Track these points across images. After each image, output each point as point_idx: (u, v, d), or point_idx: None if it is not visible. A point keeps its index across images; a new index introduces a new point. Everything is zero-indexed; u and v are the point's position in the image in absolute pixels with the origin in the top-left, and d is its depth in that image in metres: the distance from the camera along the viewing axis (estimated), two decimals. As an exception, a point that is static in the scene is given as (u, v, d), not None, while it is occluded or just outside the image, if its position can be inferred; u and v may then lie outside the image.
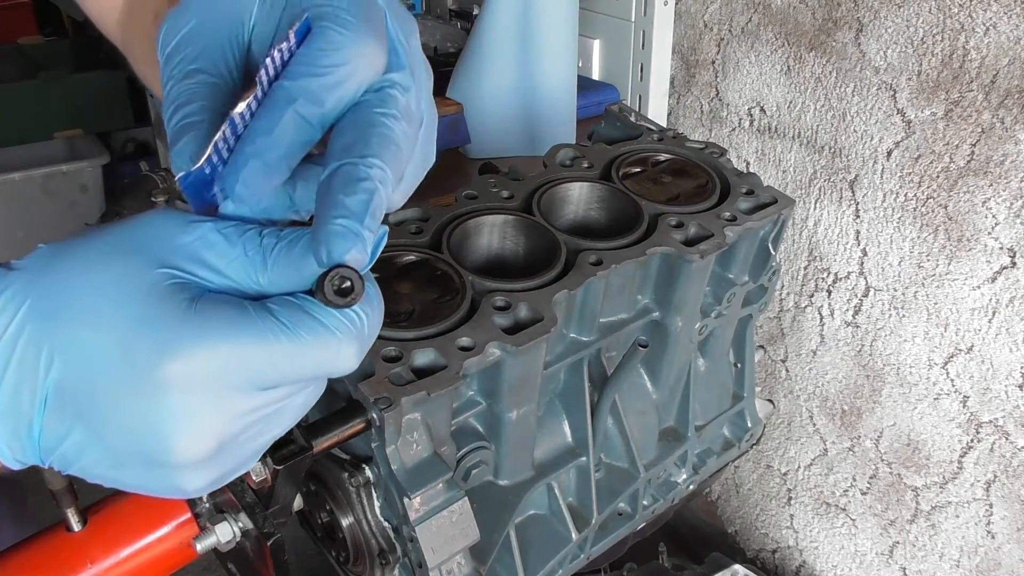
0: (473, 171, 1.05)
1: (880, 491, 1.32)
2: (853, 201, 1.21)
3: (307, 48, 0.38)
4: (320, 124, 0.39)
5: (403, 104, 0.41)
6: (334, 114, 0.39)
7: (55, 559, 0.60)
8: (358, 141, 0.38)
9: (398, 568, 0.68)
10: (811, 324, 1.34)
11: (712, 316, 0.84)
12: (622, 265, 0.72)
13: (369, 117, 0.39)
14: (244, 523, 0.61)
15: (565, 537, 0.78)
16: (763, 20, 1.25)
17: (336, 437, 0.57)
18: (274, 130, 0.37)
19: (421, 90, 0.44)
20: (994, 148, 1.01)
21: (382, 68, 0.40)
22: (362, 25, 0.39)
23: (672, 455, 0.87)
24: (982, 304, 1.09)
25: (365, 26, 0.39)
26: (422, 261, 0.71)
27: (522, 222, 0.77)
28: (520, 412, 0.69)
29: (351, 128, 0.39)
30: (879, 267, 1.20)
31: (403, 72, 0.41)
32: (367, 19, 0.40)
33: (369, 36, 0.39)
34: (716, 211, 0.80)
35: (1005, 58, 0.97)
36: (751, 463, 1.57)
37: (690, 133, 1.44)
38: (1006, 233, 1.03)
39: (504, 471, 0.73)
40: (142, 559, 0.63)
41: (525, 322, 0.65)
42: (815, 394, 1.38)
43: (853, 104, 1.16)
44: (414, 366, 0.61)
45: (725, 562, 1.40)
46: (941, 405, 1.18)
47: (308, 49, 0.38)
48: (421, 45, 0.46)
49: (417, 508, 0.62)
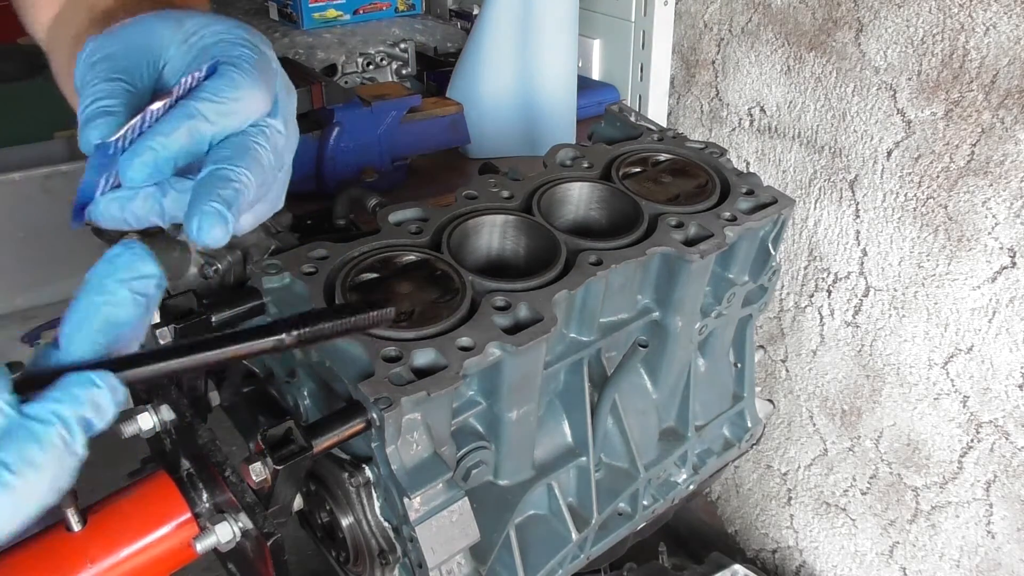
0: (473, 171, 1.05)
1: (880, 491, 1.32)
2: (853, 201, 1.21)
3: (212, 81, 0.49)
4: (208, 140, 0.48)
5: (273, 142, 0.51)
6: (220, 136, 0.49)
7: (55, 559, 0.60)
8: (234, 155, 0.48)
9: (398, 568, 0.68)
10: (811, 324, 1.34)
11: (712, 316, 0.84)
12: (622, 265, 0.72)
13: (246, 141, 0.49)
14: (244, 523, 0.61)
15: (565, 537, 0.78)
16: (763, 20, 1.25)
17: (336, 437, 0.57)
18: (172, 133, 0.46)
19: (289, 143, 0.54)
20: (994, 148, 1.01)
21: (265, 110, 0.51)
22: (258, 76, 0.50)
23: (672, 455, 0.87)
24: (982, 304, 1.09)
25: (260, 77, 0.50)
26: (422, 261, 0.71)
27: (522, 222, 0.77)
28: (520, 412, 0.69)
29: (231, 145, 0.49)
30: (879, 267, 1.20)
31: (279, 120, 0.52)
32: (263, 73, 0.50)
33: (261, 85, 0.50)
34: (716, 211, 0.80)
35: (1005, 58, 0.97)
36: (751, 463, 1.57)
37: (690, 133, 1.44)
38: (1006, 233, 1.03)
39: (504, 471, 0.73)
40: (142, 559, 0.62)
41: (525, 322, 0.65)
42: (815, 394, 1.38)
43: (853, 104, 1.16)
44: (414, 366, 0.61)
45: (725, 562, 1.40)
46: (941, 405, 1.18)
47: (213, 82, 0.49)
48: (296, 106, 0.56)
49: (417, 508, 0.62)
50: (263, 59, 0.51)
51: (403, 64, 1.45)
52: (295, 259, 0.69)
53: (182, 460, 0.68)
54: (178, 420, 0.66)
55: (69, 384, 0.37)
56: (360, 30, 1.44)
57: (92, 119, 0.47)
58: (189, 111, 0.47)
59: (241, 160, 0.48)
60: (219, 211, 0.45)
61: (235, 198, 0.46)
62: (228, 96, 0.48)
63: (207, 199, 0.45)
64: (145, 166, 0.46)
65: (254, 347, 0.43)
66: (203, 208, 0.45)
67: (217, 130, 0.48)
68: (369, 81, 1.43)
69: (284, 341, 0.43)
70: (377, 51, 1.43)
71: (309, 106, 1.04)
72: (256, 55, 0.51)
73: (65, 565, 0.60)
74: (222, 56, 0.50)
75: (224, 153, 0.48)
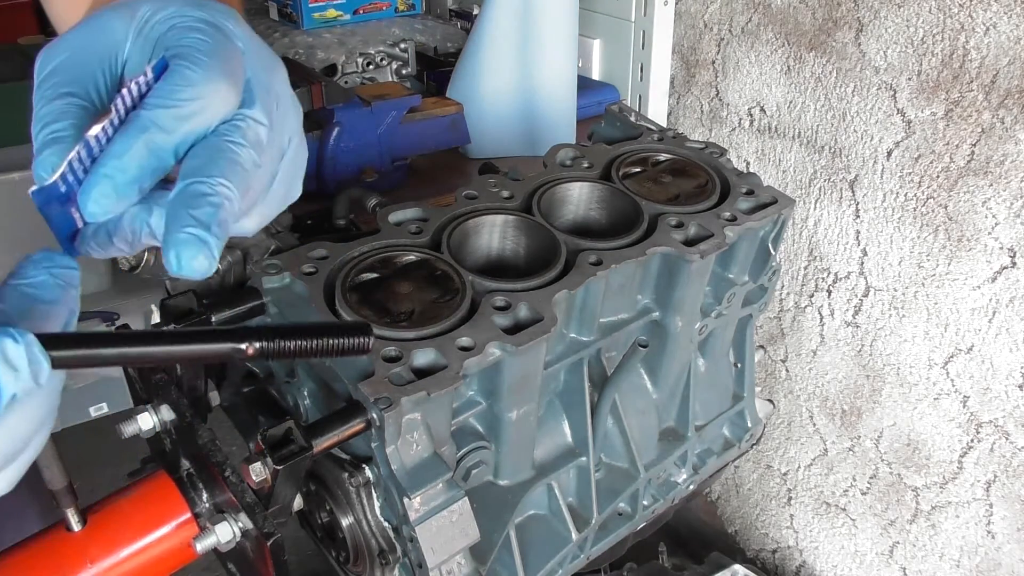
0: (473, 171, 1.06)
1: (880, 491, 1.32)
2: (853, 201, 1.21)
3: (162, 83, 0.42)
4: (171, 152, 0.41)
5: (252, 136, 0.44)
6: (186, 144, 0.42)
7: (55, 559, 0.60)
8: (206, 164, 0.41)
9: (398, 568, 0.68)
10: (811, 324, 1.34)
11: (712, 316, 0.84)
12: (622, 265, 0.72)
13: (218, 144, 0.42)
14: (244, 523, 0.61)
15: (565, 537, 0.77)
16: (763, 20, 1.25)
17: (336, 437, 0.57)
18: (126, 154, 0.40)
19: (282, 124, 0.47)
20: (994, 148, 1.01)
21: (234, 105, 0.43)
22: (215, 65, 0.42)
23: (672, 455, 0.87)
24: (982, 304, 1.09)
25: (218, 66, 0.43)
26: (422, 261, 0.71)
27: (522, 222, 0.77)
28: (520, 412, 0.69)
29: (201, 154, 0.42)
30: (879, 267, 1.20)
31: (255, 108, 0.45)
32: (221, 59, 0.43)
33: (221, 76, 0.42)
34: (716, 211, 0.80)
35: (1005, 58, 0.97)
36: (751, 463, 1.57)
37: (690, 133, 1.44)
38: (1006, 233, 1.03)
39: (504, 471, 0.73)
40: (142, 559, 0.62)
41: (525, 322, 0.65)
42: (815, 394, 1.38)
43: (853, 104, 1.16)
44: (414, 366, 0.61)
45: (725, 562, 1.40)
46: (941, 405, 1.18)
47: (163, 84, 0.42)
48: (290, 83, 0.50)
49: (417, 508, 0.62)
50: (222, 42, 0.44)
51: (403, 64, 1.45)
52: (295, 259, 0.69)
53: (182, 460, 0.68)
54: (178, 420, 0.66)
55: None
56: (360, 30, 1.45)
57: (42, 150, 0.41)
58: (141, 124, 0.40)
59: (214, 168, 0.41)
60: (196, 236, 0.39)
61: (213, 215, 0.40)
62: (183, 97, 0.41)
63: (180, 225, 0.39)
64: (106, 197, 0.40)
65: (207, 350, 0.39)
66: (177, 236, 0.39)
67: (179, 139, 0.41)
68: (369, 81, 1.43)
69: (243, 350, 0.38)
70: (377, 51, 1.43)
71: (309, 106, 1.04)
72: (212, 39, 0.44)
73: (65, 565, 0.60)
74: (172, 47, 0.43)
75: (193, 164, 0.42)
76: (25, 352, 0.33)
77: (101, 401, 1.59)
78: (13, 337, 0.33)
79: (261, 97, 0.45)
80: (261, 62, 0.47)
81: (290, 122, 0.49)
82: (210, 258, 0.39)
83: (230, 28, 0.46)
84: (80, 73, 0.43)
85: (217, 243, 0.40)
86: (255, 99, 0.45)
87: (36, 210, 0.42)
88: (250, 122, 0.44)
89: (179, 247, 0.39)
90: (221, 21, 0.45)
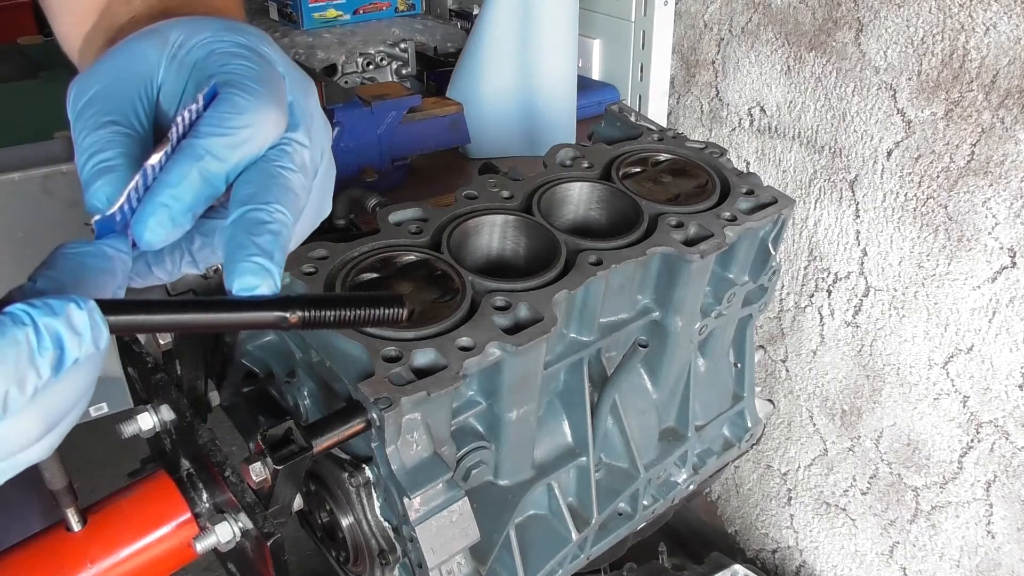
0: (473, 171, 1.06)
1: (880, 491, 1.32)
2: (853, 201, 1.21)
3: (214, 111, 0.42)
4: (223, 179, 0.42)
5: (299, 159, 0.44)
6: (237, 170, 0.42)
7: (55, 559, 0.60)
8: (261, 191, 0.42)
9: (398, 568, 0.68)
10: (811, 324, 1.34)
11: (712, 316, 0.84)
12: (622, 265, 0.72)
13: (270, 170, 0.43)
14: (244, 523, 0.61)
15: (565, 537, 0.77)
16: (763, 20, 1.25)
17: (336, 437, 0.57)
18: (181, 183, 0.40)
19: (316, 145, 0.47)
20: (994, 148, 1.01)
21: (282, 130, 0.44)
22: (265, 92, 0.43)
23: (672, 455, 0.87)
24: (982, 304, 1.09)
25: (267, 93, 0.43)
26: (422, 261, 0.70)
27: (522, 222, 0.77)
28: (520, 412, 0.69)
29: (255, 180, 0.42)
30: (879, 267, 1.20)
31: (299, 131, 0.45)
32: (269, 86, 0.43)
33: (271, 102, 0.43)
34: (716, 211, 0.80)
35: (1005, 58, 0.97)
36: (751, 463, 1.57)
37: (690, 133, 1.44)
38: (1006, 233, 1.03)
39: (504, 471, 0.73)
40: (142, 559, 0.63)
41: (525, 322, 0.65)
42: (815, 394, 1.38)
43: (853, 104, 1.16)
44: (414, 366, 0.61)
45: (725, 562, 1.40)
46: (941, 405, 1.18)
47: (215, 112, 0.42)
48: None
49: (417, 508, 0.62)
50: (266, 68, 0.45)
51: (403, 64, 1.45)
52: (295, 259, 0.69)
53: (182, 460, 0.68)
54: (178, 420, 0.66)
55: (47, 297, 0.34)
56: (360, 30, 1.45)
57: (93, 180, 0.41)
58: (196, 152, 0.41)
59: (269, 194, 0.42)
60: (262, 266, 0.40)
61: (275, 243, 0.40)
62: (236, 125, 0.41)
63: (244, 253, 0.39)
64: (161, 227, 0.40)
65: (254, 319, 0.39)
66: (243, 266, 0.39)
67: (231, 166, 0.42)
68: (369, 81, 1.43)
69: (287, 320, 0.39)
70: (377, 51, 1.43)
71: (309, 106, 1.04)
72: (257, 65, 0.44)
73: (65, 565, 0.60)
74: (219, 73, 0.43)
75: (248, 191, 0.42)
76: (88, 318, 0.34)
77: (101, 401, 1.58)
78: (77, 303, 0.34)
79: (303, 120, 0.46)
80: (298, 84, 0.47)
81: (323, 139, 0.49)
82: (273, 287, 0.40)
83: (268, 52, 0.46)
84: (118, 101, 0.43)
85: (278, 270, 0.40)
86: (299, 123, 0.46)
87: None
88: (296, 146, 0.45)
89: (245, 276, 0.39)
90: (259, 46, 0.46)
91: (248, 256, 0.39)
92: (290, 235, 0.42)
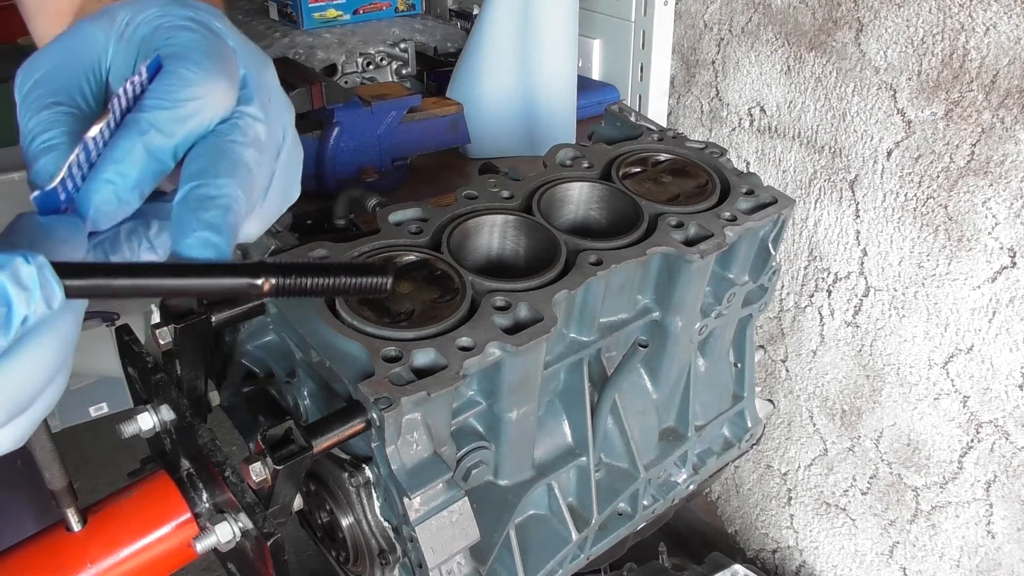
0: (473, 171, 1.06)
1: (880, 491, 1.32)
2: (853, 201, 1.21)
3: (159, 83, 0.40)
4: (171, 155, 0.40)
5: (252, 133, 0.42)
6: (185, 145, 0.41)
7: (55, 559, 0.60)
8: (209, 166, 0.40)
9: (398, 568, 0.68)
10: (811, 324, 1.34)
11: (712, 316, 0.84)
12: (622, 265, 0.72)
13: (220, 144, 0.41)
14: (244, 523, 0.61)
15: (565, 537, 0.77)
16: (763, 20, 1.25)
17: (336, 437, 0.57)
18: (126, 158, 0.39)
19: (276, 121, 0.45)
20: (994, 148, 1.01)
21: (232, 103, 0.42)
22: (211, 64, 0.41)
23: (672, 455, 0.87)
24: (982, 304, 1.09)
25: (214, 65, 0.41)
26: (422, 261, 0.70)
27: (522, 222, 0.77)
28: (520, 412, 0.68)
29: (203, 155, 0.41)
30: (879, 267, 1.20)
31: (252, 105, 0.43)
32: (216, 58, 0.42)
33: (218, 74, 0.41)
34: (716, 211, 0.80)
35: (1005, 58, 0.97)
36: (751, 463, 1.57)
37: (690, 133, 1.44)
38: (1006, 233, 1.03)
39: (504, 471, 0.73)
40: (142, 559, 0.62)
41: (525, 322, 0.65)
42: (815, 394, 1.38)
43: (853, 104, 1.16)
44: (414, 366, 0.61)
45: (725, 562, 1.40)
46: (941, 405, 1.18)
47: (160, 84, 0.40)
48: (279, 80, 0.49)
49: (417, 508, 0.62)
50: (214, 40, 0.43)
51: (403, 64, 1.45)
52: (295, 259, 0.69)
53: (182, 460, 0.68)
54: (178, 420, 0.66)
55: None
56: (360, 30, 1.45)
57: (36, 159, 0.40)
58: (140, 127, 0.39)
59: (218, 169, 0.40)
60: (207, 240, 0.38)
61: (223, 218, 0.39)
62: (181, 97, 0.40)
63: (189, 229, 0.38)
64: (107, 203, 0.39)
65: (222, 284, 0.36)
66: (187, 242, 0.38)
67: (178, 141, 0.40)
68: (369, 81, 1.43)
69: (258, 286, 0.37)
70: (377, 51, 1.43)
71: (309, 106, 1.04)
72: (204, 37, 0.42)
73: (65, 565, 0.60)
74: (164, 47, 0.41)
75: (196, 166, 0.40)
76: (37, 274, 0.32)
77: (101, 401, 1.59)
78: (25, 257, 0.32)
79: (257, 94, 0.44)
80: (252, 59, 0.46)
81: (284, 118, 0.47)
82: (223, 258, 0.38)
83: (218, 26, 0.45)
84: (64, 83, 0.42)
85: (227, 246, 0.39)
86: (252, 96, 0.44)
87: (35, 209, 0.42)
88: (248, 120, 0.43)
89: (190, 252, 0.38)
90: (208, 19, 0.44)
91: (193, 231, 0.38)
92: (242, 211, 0.40)
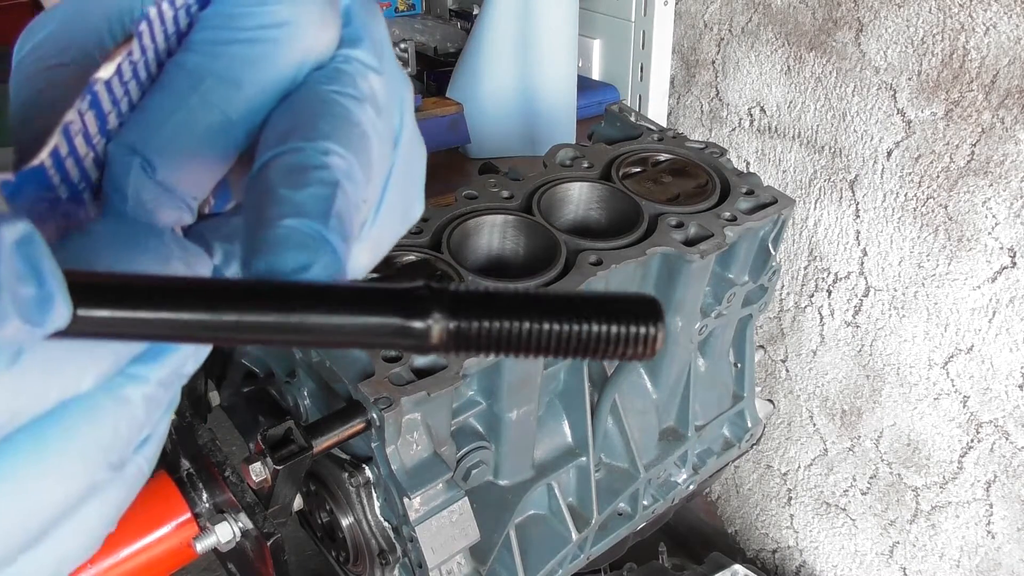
0: (473, 171, 1.05)
1: (880, 491, 1.32)
2: (853, 201, 1.21)
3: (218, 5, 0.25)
4: (241, 118, 0.25)
5: (367, 87, 0.26)
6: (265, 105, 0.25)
7: (55, 559, 0.60)
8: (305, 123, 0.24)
9: (398, 568, 0.68)
10: (811, 324, 1.34)
11: (712, 316, 0.84)
12: (622, 265, 0.72)
13: (320, 94, 0.25)
14: (244, 523, 0.61)
15: (565, 537, 0.77)
16: (763, 20, 1.25)
17: (336, 437, 0.57)
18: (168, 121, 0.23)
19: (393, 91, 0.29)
20: (994, 148, 1.01)
21: (333, 40, 0.26)
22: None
23: (672, 455, 0.87)
24: (982, 304, 1.09)
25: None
26: (422, 261, 0.70)
27: (522, 222, 0.77)
28: (520, 412, 0.69)
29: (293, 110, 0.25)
30: (879, 267, 1.20)
31: (362, 47, 0.27)
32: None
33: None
34: (716, 211, 0.80)
35: (1005, 58, 0.97)
36: (751, 463, 1.57)
37: (690, 133, 1.44)
38: (1006, 233, 1.03)
39: (504, 471, 0.73)
40: (142, 559, 0.62)
41: (525, 322, 0.65)
42: (815, 394, 1.38)
43: (853, 104, 1.16)
44: (414, 366, 0.61)
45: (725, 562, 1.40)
46: (941, 405, 1.18)
47: (219, 6, 0.25)
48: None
49: (417, 508, 0.62)
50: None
51: (403, 64, 1.45)
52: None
53: (182, 460, 0.68)
54: (178, 420, 0.66)
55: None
56: (360, 30, 1.44)
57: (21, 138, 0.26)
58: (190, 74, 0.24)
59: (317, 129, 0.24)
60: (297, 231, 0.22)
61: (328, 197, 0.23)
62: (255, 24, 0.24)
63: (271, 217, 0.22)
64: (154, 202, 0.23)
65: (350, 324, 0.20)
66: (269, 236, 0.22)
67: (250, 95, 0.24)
68: (369, 81, 1.42)
69: (423, 333, 0.20)
70: (377, 51, 1.43)
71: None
72: None
73: (65, 565, 0.60)
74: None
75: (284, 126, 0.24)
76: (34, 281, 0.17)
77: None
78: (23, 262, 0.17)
79: (368, 35, 0.28)
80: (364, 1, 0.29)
81: (401, 92, 0.29)
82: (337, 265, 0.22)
83: None
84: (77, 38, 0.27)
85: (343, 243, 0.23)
86: (361, 35, 0.27)
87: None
88: (358, 66, 0.26)
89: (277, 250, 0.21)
90: None
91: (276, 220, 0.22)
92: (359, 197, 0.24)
